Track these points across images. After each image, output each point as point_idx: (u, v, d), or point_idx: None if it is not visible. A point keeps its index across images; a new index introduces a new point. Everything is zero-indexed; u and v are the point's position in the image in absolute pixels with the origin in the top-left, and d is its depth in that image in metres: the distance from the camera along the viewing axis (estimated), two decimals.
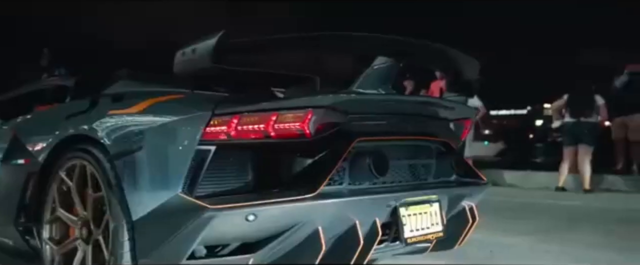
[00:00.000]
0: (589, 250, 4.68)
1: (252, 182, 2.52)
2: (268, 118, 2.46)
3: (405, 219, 2.80)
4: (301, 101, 2.53)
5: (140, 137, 2.51)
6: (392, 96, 2.92)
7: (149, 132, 2.50)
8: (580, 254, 4.51)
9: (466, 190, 3.16)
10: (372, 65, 3.02)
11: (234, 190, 2.47)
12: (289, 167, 2.54)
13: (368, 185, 2.75)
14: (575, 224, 6.06)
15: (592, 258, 4.39)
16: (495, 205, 7.53)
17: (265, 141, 2.47)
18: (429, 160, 3.10)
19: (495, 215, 6.45)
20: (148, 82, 2.96)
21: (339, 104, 2.60)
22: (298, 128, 2.49)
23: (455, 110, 3.24)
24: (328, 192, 2.53)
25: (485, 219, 5.98)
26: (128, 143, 2.54)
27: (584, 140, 9.07)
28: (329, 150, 2.57)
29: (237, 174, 2.50)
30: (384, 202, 2.68)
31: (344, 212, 2.56)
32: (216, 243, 2.50)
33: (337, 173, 2.64)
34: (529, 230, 5.56)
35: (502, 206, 7.54)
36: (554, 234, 5.42)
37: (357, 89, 2.86)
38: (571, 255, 4.46)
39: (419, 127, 3.00)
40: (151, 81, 2.96)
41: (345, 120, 2.64)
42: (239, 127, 2.43)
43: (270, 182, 2.52)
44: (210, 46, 2.36)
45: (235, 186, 2.49)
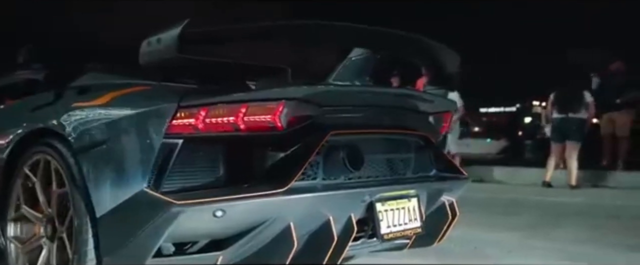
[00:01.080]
0: (575, 245, 4.62)
1: (221, 177, 2.42)
2: (237, 110, 2.37)
3: (381, 214, 2.72)
4: (272, 93, 2.44)
5: (104, 131, 2.41)
6: (367, 88, 2.83)
7: (113, 125, 2.40)
8: (566, 250, 4.45)
9: (446, 185, 3.08)
10: (349, 56, 2.94)
11: (203, 186, 2.37)
12: (260, 162, 2.45)
13: (343, 179, 2.67)
14: (561, 219, 6.00)
15: (577, 253, 4.33)
16: (481, 202, 7.48)
17: (235, 134, 2.38)
18: (407, 155, 3.02)
19: (481, 212, 6.39)
20: (117, 74, 2.86)
21: (312, 96, 2.52)
22: (269, 121, 2.40)
23: (434, 103, 3.16)
24: (300, 187, 2.45)
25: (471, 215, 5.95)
26: (91, 137, 2.44)
27: (571, 136, 9.04)
28: (301, 143, 2.48)
29: (206, 168, 2.41)
30: (358, 197, 2.60)
31: (317, 208, 2.47)
32: (184, 240, 2.41)
33: (311, 167, 2.56)
34: (516, 226, 5.49)
35: (488, 202, 7.49)
36: (540, 229, 5.36)
37: (333, 81, 2.77)
38: (557, 251, 4.39)
39: (397, 120, 2.92)
40: (121, 73, 2.86)
41: (319, 112, 2.56)
42: (207, 120, 2.34)
43: (241, 176, 2.43)
44: (174, 36, 2.27)
45: (204, 181, 2.39)
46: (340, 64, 2.94)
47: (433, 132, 3.19)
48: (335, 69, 2.92)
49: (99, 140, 2.41)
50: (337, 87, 2.70)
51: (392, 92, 2.86)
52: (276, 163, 2.45)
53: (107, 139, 2.39)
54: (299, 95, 2.47)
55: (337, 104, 2.65)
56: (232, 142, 2.42)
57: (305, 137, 2.49)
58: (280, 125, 2.42)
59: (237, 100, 2.38)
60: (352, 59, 2.88)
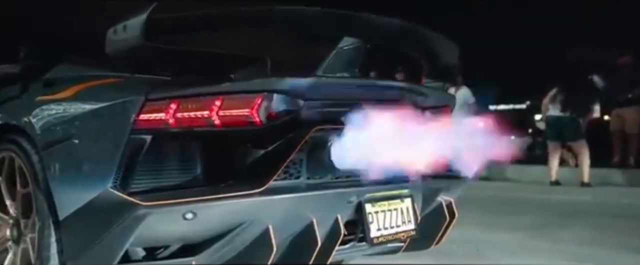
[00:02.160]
0: (580, 246, 4.42)
1: (195, 176, 2.23)
2: (211, 104, 2.18)
3: (371, 216, 2.53)
4: (250, 84, 2.26)
5: (67, 126, 2.23)
6: (356, 80, 2.63)
7: (77, 120, 2.22)
8: (571, 251, 4.26)
9: (443, 184, 2.87)
10: (337, 46, 2.75)
11: (174, 186, 2.19)
12: (237, 160, 2.27)
13: (329, 179, 2.48)
14: (568, 219, 5.80)
15: (583, 255, 4.14)
16: (486, 200, 7.29)
17: (209, 130, 2.19)
18: None
19: (485, 211, 6.20)
20: (90, 66, 2.67)
21: (294, 89, 2.33)
22: (246, 115, 2.22)
23: (430, 97, 2.96)
24: (280, 187, 2.26)
25: (475, 215, 5.79)
26: (54, 133, 2.26)
27: (570, 135, 8.84)
28: (281, 140, 2.29)
29: (178, 167, 2.22)
30: (344, 197, 2.41)
31: (298, 209, 2.28)
32: (154, 244, 2.22)
33: (293, 166, 2.37)
34: (520, 226, 5.30)
35: (494, 201, 7.29)
36: (545, 230, 5.16)
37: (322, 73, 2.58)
38: (562, 253, 4.20)
39: None
40: (93, 66, 2.67)
41: (302, 107, 2.37)
42: (178, 114, 2.15)
43: (216, 176, 2.24)
44: (140, 22, 2.08)
45: (176, 181, 2.20)
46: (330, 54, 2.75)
47: None
48: (324, 60, 2.73)
49: (62, 137, 2.23)
50: (321, 80, 2.50)
51: (383, 85, 2.66)
52: (254, 161, 2.26)
53: (70, 135, 2.20)
54: (280, 87, 2.28)
55: (323, 98, 2.46)
56: (207, 139, 2.23)
57: (286, 134, 2.30)
58: (258, 120, 2.24)
59: (211, 93, 2.19)
60: (340, 50, 2.68)
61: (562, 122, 8.87)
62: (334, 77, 2.58)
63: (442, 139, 2.48)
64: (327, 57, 2.74)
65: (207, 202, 2.07)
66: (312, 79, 2.44)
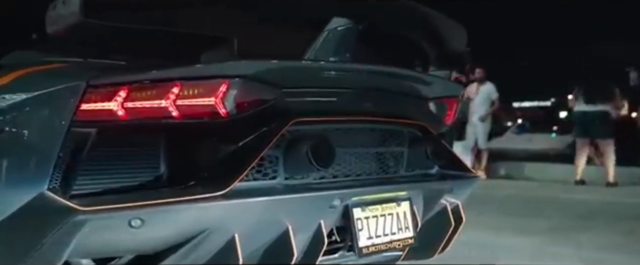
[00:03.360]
0: (604, 252, 4.06)
1: (149, 177, 1.90)
2: (168, 91, 1.86)
3: (361, 222, 2.19)
4: (214, 68, 1.93)
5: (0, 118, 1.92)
6: (344, 65, 2.29)
7: (9, 111, 1.90)
8: (592, 257, 3.89)
9: (446, 185, 2.53)
10: (325, 29, 2.41)
11: (122, 188, 1.86)
12: (200, 158, 1.94)
13: (312, 179, 2.14)
14: (592, 221, 5.40)
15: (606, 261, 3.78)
16: (505, 200, 6.92)
17: (166, 122, 1.87)
18: (399, 149, 2.48)
19: (503, 212, 5.85)
20: (44, 52, 2.35)
21: (267, 74, 2.00)
22: (209, 105, 1.90)
23: (435, 86, 2.61)
24: (249, 189, 1.93)
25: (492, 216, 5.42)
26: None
27: (597, 132, 8.39)
28: (252, 135, 1.96)
29: (129, 166, 1.89)
30: (326, 201, 2.07)
31: (271, 215, 1.95)
32: (101, 255, 1.91)
33: (269, 165, 2.04)
34: (540, 229, 4.94)
35: (513, 201, 6.92)
36: (567, 233, 4.79)
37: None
38: (584, 259, 3.84)
39: (383, 106, 2.37)
40: (49, 51, 2.35)
41: (278, 95, 2.04)
42: (128, 104, 1.83)
43: (174, 176, 1.91)
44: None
45: (126, 182, 1.88)
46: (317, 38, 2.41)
47: (433, 122, 2.63)
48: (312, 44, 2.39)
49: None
50: (302, 64, 2.17)
51: (377, 71, 2.32)
52: (219, 160, 1.93)
53: (2, 129, 1.89)
54: (250, 72, 1.95)
55: (303, 85, 2.13)
56: (163, 133, 1.91)
57: (258, 127, 1.97)
58: (224, 111, 1.91)
59: (167, 78, 1.86)
60: (328, 32, 2.35)
61: (588, 117, 8.43)
62: (317, 61, 2.24)
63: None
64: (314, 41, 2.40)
65: (156, 207, 1.75)
66: (290, 64, 2.10)
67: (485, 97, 9.41)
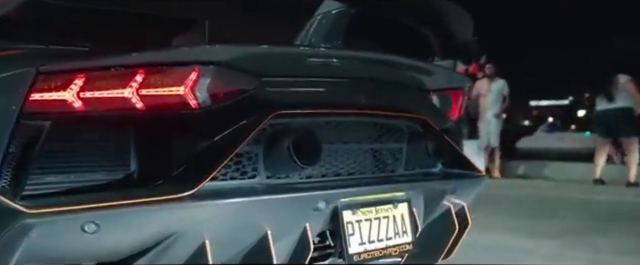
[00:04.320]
0: (623, 256, 3.80)
1: (110, 176, 1.70)
2: (131, 79, 1.65)
3: (351, 226, 1.97)
4: (183, 54, 1.73)
5: None
6: (333, 52, 2.08)
7: None
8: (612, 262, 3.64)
9: (449, 185, 2.30)
10: (316, 14, 2.20)
11: (80, 189, 1.66)
12: (166, 155, 1.73)
13: (298, 179, 1.93)
14: (610, 223, 5.14)
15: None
16: (520, 201, 6.67)
17: (130, 115, 1.67)
18: (397, 145, 2.26)
19: (518, 213, 5.60)
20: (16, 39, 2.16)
21: (245, 61, 1.79)
22: (178, 95, 1.69)
23: (438, 77, 2.39)
24: (222, 190, 1.73)
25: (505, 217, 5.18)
26: None
27: (620, 130, 8.08)
28: (227, 130, 1.75)
29: (87, 164, 1.69)
30: (309, 203, 1.85)
31: (247, 218, 1.74)
32: (53, 263, 1.70)
33: (248, 163, 1.83)
34: (556, 232, 4.69)
35: (529, 202, 6.67)
36: (584, 236, 4.52)
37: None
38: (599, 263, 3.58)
39: (380, 99, 2.15)
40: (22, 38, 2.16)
41: (257, 85, 1.83)
42: (86, 94, 1.62)
43: (138, 176, 1.71)
44: None
45: (84, 182, 1.67)
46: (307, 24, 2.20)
47: (436, 116, 2.41)
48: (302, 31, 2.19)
49: None
50: (286, 50, 1.95)
51: (371, 59, 2.10)
52: (188, 157, 1.72)
53: None
54: (224, 58, 1.74)
55: (287, 74, 1.91)
56: (126, 127, 1.71)
57: (234, 121, 1.76)
58: (195, 102, 1.71)
59: (130, 65, 1.66)
60: (319, 17, 2.14)
61: (610, 116, 8.12)
62: (303, 47, 2.03)
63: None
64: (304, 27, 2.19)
65: (112, 210, 1.54)
66: (271, 50, 1.89)
67: (498, 94, 9.14)
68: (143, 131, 1.71)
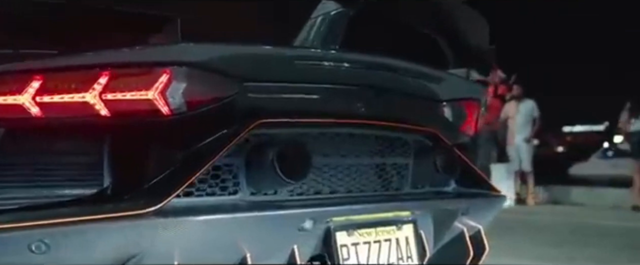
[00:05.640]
0: None
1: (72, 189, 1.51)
2: (93, 82, 1.48)
3: (347, 250, 1.76)
4: (152, 53, 1.55)
5: None
6: (328, 54, 1.88)
7: None
8: None
9: (460, 205, 2.07)
10: (313, 15, 2.02)
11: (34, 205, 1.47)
12: (132, 167, 1.54)
13: (287, 196, 1.73)
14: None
15: None
16: (550, 227, 6.35)
17: (92, 121, 1.49)
18: (402, 160, 2.04)
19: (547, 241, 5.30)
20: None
21: (224, 62, 1.61)
22: (146, 100, 1.51)
23: (450, 85, 2.18)
24: (193, 206, 1.53)
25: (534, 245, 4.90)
26: None
27: None
28: (202, 140, 1.57)
29: (44, 176, 1.51)
30: (293, 222, 1.64)
31: (221, 238, 1.54)
32: None
33: (228, 177, 1.64)
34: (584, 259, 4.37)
35: (559, 228, 6.33)
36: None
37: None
38: None
39: (382, 108, 1.94)
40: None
41: (238, 90, 1.64)
42: (43, 98, 1.46)
43: (99, 190, 1.52)
44: None
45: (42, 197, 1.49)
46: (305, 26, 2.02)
47: (447, 129, 2.19)
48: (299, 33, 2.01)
49: None
50: (272, 51, 1.75)
51: (373, 63, 1.90)
52: (155, 170, 1.52)
53: None
54: (199, 59, 1.56)
55: (273, 78, 1.72)
56: (87, 135, 1.53)
57: (209, 130, 1.58)
58: (165, 109, 1.53)
59: (92, 66, 1.49)
60: (316, 19, 1.95)
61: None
62: (293, 48, 1.84)
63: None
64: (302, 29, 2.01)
65: (62, 227, 1.36)
66: (255, 50, 1.70)
67: (527, 116, 8.80)
68: (107, 140, 1.53)
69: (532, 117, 8.86)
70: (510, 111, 8.83)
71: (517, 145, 8.84)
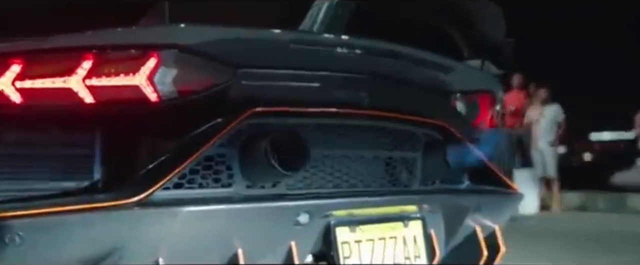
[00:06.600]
0: None
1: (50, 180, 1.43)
2: (76, 66, 1.40)
3: (348, 247, 1.66)
4: (138, 35, 1.47)
5: None
6: (331, 39, 1.79)
7: None
8: None
9: (470, 201, 1.95)
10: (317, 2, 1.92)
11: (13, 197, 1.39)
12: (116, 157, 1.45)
13: (285, 190, 1.63)
14: None
15: None
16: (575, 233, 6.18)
17: (75, 109, 1.42)
18: (410, 155, 1.93)
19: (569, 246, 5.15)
20: None
21: (217, 46, 1.52)
22: (133, 86, 1.43)
23: (461, 76, 2.07)
24: (178, 198, 1.44)
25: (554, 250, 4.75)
26: None
27: None
28: (193, 128, 1.48)
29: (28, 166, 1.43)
30: (289, 216, 1.54)
31: (210, 232, 1.45)
32: None
33: (220, 168, 1.54)
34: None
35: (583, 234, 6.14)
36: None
37: None
38: None
39: (386, 98, 1.83)
40: None
41: (232, 76, 1.55)
42: (25, 83, 1.39)
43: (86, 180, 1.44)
44: None
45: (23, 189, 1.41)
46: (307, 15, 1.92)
47: (459, 122, 2.07)
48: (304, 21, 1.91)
49: None
50: (269, 34, 1.66)
51: (380, 50, 1.79)
52: (140, 160, 1.44)
53: None
54: (189, 41, 1.48)
55: (270, 65, 1.63)
56: (69, 123, 1.45)
57: (200, 119, 1.49)
58: (153, 95, 1.44)
59: (74, 48, 1.41)
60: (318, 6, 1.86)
61: None
62: (292, 32, 1.75)
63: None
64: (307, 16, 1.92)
65: (37, 218, 1.28)
66: (251, 33, 1.61)
67: (552, 120, 8.59)
68: (92, 129, 1.45)
69: (557, 122, 8.66)
70: (534, 115, 8.63)
71: (541, 149, 8.64)
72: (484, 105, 2.21)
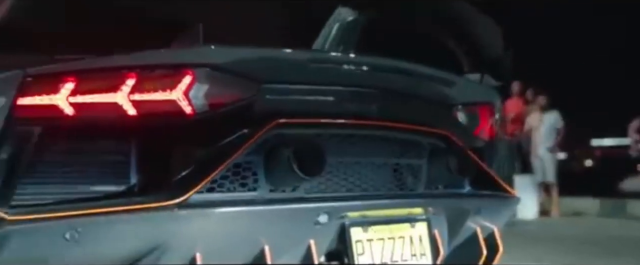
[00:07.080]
0: None
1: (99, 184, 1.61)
2: (121, 83, 1.59)
3: (361, 245, 1.83)
4: (176, 55, 1.65)
5: None
6: (344, 57, 1.97)
7: None
8: None
9: (471, 204, 2.13)
10: (329, 22, 2.11)
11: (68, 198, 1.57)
12: (157, 163, 1.63)
13: (304, 193, 1.81)
14: None
15: None
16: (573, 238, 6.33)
17: (120, 121, 1.60)
18: (416, 162, 2.11)
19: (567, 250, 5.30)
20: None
21: (244, 64, 1.70)
22: (171, 100, 1.61)
23: (461, 89, 2.25)
24: (213, 200, 1.62)
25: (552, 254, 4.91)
26: None
27: None
28: (223, 138, 1.66)
29: (74, 171, 1.61)
30: (309, 217, 1.72)
31: (241, 231, 1.63)
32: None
33: (247, 173, 1.72)
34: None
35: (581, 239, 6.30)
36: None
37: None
38: None
39: (396, 110, 2.02)
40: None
41: (257, 91, 1.73)
42: (76, 98, 1.57)
43: (130, 183, 1.63)
44: None
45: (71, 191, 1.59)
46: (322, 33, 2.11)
47: (460, 131, 2.25)
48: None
49: None
50: (289, 54, 1.84)
51: (388, 67, 1.98)
52: (179, 166, 1.62)
53: None
54: (220, 61, 1.66)
55: (290, 80, 1.81)
56: (116, 133, 1.63)
57: (229, 129, 1.67)
58: (189, 109, 1.63)
59: (120, 68, 1.60)
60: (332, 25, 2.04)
61: None
62: (310, 51, 1.93)
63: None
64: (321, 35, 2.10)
65: (93, 217, 1.46)
66: (273, 53, 1.80)
67: (551, 127, 8.78)
68: (133, 138, 1.63)
69: (556, 128, 8.84)
70: (534, 122, 8.82)
71: (541, 156, 8.82)
72: (483, 115, 2.38)
